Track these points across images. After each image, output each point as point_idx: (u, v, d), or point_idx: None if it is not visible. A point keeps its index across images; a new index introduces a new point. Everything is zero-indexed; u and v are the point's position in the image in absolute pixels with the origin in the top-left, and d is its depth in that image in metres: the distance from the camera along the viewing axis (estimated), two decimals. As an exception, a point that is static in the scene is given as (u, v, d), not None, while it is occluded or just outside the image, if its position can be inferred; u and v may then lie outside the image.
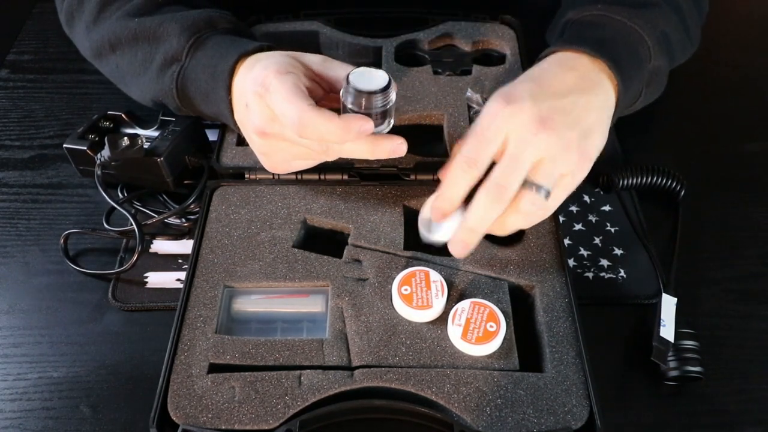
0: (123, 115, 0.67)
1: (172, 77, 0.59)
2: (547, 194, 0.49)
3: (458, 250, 0.52)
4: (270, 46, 0.58)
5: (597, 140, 0.51)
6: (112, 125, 0.67)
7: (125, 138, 0.61)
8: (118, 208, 0.62)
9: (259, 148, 0.57)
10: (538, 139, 0.47)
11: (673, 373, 0.53)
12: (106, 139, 0.62)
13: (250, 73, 0.53)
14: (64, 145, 0.65)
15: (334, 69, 0.54)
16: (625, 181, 0.66)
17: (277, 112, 0.50)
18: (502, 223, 0.50)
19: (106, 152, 0.62)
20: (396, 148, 0.51)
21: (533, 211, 0.50)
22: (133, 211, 0.63)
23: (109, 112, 0.67)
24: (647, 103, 0.62)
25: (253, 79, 0.52)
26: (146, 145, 0.62)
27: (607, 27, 0.57)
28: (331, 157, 0.54)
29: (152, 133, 0.65)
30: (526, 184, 0.49)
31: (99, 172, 0.62)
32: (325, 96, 0.56)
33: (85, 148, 0.64)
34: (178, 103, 0.60)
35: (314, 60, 0.55)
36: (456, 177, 0.49)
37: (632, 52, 0.56)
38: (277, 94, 0.50)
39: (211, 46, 0.58)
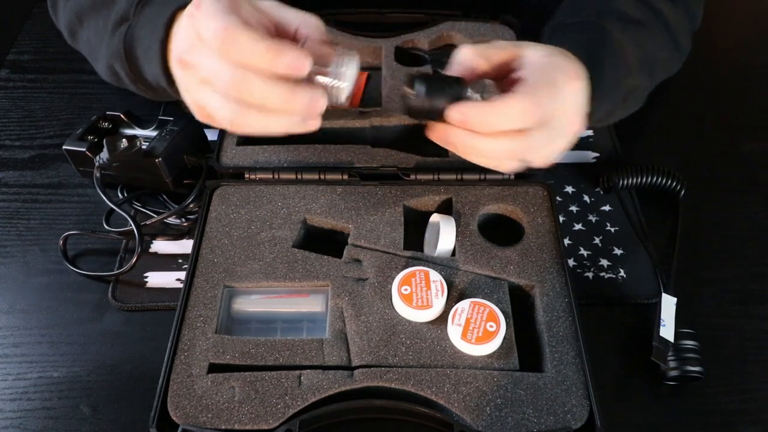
0: (122, 116, 0.67)
1: (121, 37, 0.54)
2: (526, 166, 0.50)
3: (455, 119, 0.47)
4: None
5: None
6: (110, 126, 0.67)
7: (123, 140, 0.61)
8: (117, 210, 0.61)
9: (180, 84, 0.48)
10: (570, 88, 0.48)
11: (673, 373, 0.53)
12: (104, 141, 0.62)
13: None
14: (64, 147, 0.65)
15: (284, 14, 0.47)
16: (625, 181, 0.66)
17: (202, 26, 0.43)
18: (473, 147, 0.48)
19: (104, 154, 0.62)
20: (313, 97, 0.44)
21: (505, 170, 0.51)
22: (132, 212, 0.63)
23: (107, 113, 0.67)
24: (621, 118, 0.61)
25: (188, 7, 0.46)
26: (144, 146, 0.62)
27: (594, 35, 0.56)
28: (243, 117, 0.45)
29: (150, 133, 0.65)
30: None
31: (98, 174, 0.62)
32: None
33: (84, 149, 0.64)
34: (126, 67, 0.55)
35: (265, 5, 0.47)
36: (516, 110, 0.45)
37: (613, 68, 0.54)
38: (207, 13, 0.43)
39: (157, 2, 0.53)
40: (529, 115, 0.45)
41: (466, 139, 0.47)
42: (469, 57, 0.48)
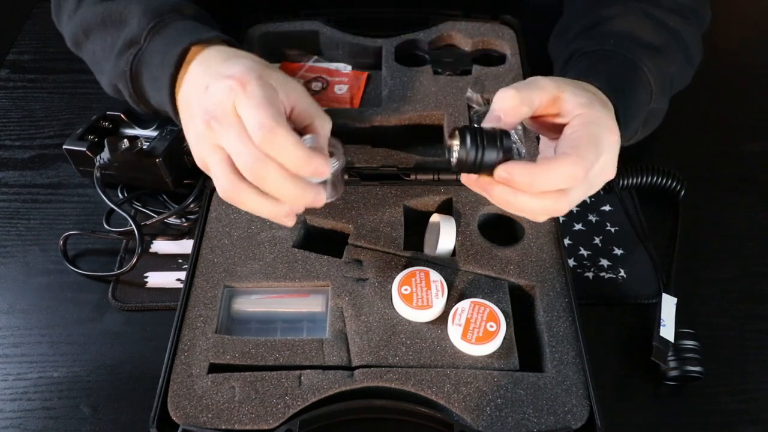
0: (122, 115, 0.67)
1: (128, 61, 0.56)
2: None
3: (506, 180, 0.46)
4: (230, 40, 0.55)
5: None
6: (111, 125, 0.67)
7: (124, 140, 0.61)
8: (117, 210, 0.61)
9: (194, 133, 0.49)
10: (610, 140, 0.47)
11: (673, 373, 0.53)
12: (105, 141, 0.62)
13: (224, 63, 0.49)
14: (64, 147, 0.65)
15: (308, 107, 0.49)
16: (625, 181, 0.66)
17: (247, 113, 0.45)
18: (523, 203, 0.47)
19: (105, 154, 0.62)
20: (319, 196, 0.47)
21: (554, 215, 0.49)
22: (132, 213, 0.63)
23: (108, 113, 0.67)
24: (639, 140, 0.61)
25: (226, 74, 0.47)
26: (145, 146, 0.62)
27: (617, 65, 0.55)
28: (232, 194, 0.47)
29: (151, 132, 0.65)
30: None
31: (98, 174, 0.62)
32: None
33: (84, 149, 0.64)
34: (130, 88, 0.57)
35: (294, 90, 0.49)
36: (565, 175, 0.44)
37: (635, 93, 0.54)
38: (252, 100, 0.45)
39: (170, 31, 0.55)
40: (577, 178, 0.44)
41: (508, 196, 0.46)
42: (514, 104, 0.46)
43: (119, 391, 0.54)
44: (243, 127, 0.45)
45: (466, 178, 0.48)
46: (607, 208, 0.67)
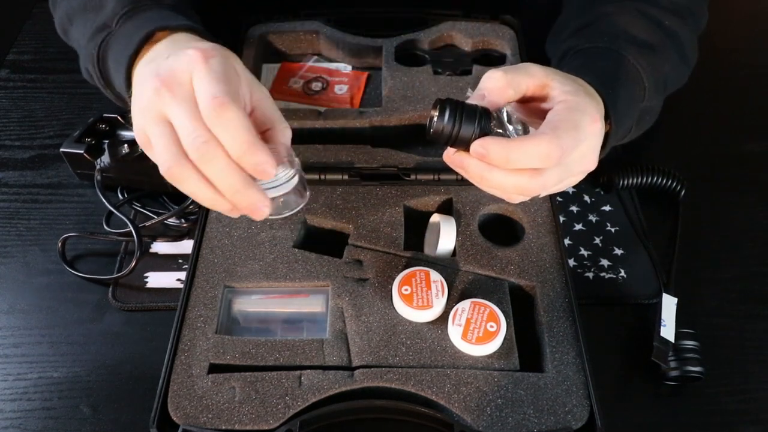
0: (119, 118, 0.66)
1: (96, 44, 0.55)
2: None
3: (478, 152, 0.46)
4: (203, 31, 0.53)
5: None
6: (108, 128, 0.67)
7: (125, 145, 0.61)
8: (115, 212, 0.61)
9: (140, 102, 0.46)
10: (590, 130, 0.47)
11: (674, 373, 0.53)
12: (105, 145, 0.62)
13: (191, 41, 0.48)
14: (61, 150, 0.65)
15: (269, 112, 0.47)
16: (625, 181, 0.66)
17: (201, 84, 0.42)
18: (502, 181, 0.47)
19: (105, 158, 0.62)
20: (259, 202, 0.44)
21: (524, 198, 0.50)
22: (132, 215, 0.63)
23: (104, 115, 0.67)
24: (633, 138, 0.61)
25: (194, 46, 0.45)
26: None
27: (610, 61, 0.55)
28: (183, 176, 0.44)
29: (149, 133, 0.65)
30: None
31: (98, 177, 0.62)
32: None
33: (82, 151, 0.64)
34: (98, 72, 0.56)
35: (256, 91, 0.47)
36: (540, 153, 0.44)
37: (627, 90, 0.54)
38: (211, 72, 0.43)
39: (142, 17, 0.53)
40: (552, 157, 0.44)
41: (482, 171, 0.46)
42: (498, 85, 0.47)
43: (119, 391, 0.54)
44: (195, 101, 0.43)
45: (445, 154, 0.48)
46: (607, 208, 0.67)
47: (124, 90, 0.52)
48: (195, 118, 0.42)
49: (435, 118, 0.45)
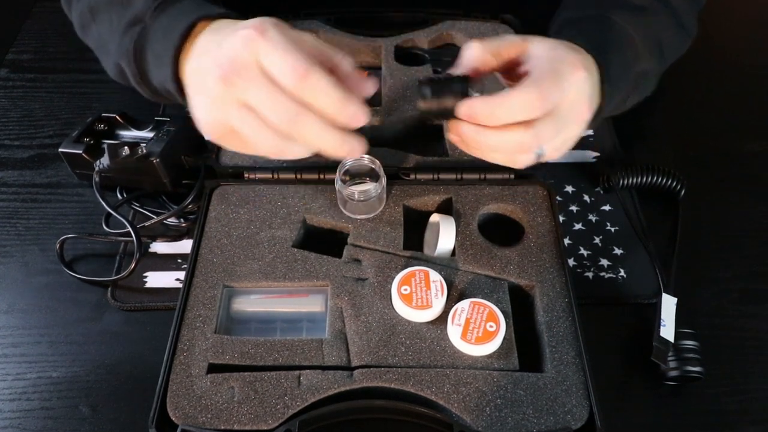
0: (117, 117, 0.66)
1: (132, 38, 0.54)
2: (541, 154, 0.50)
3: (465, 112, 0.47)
4: (236, 15, 0.53)
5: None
6: (106, 128, 0.67)
7: (125, 147, 0.61)
8: (114, 214, 0.61)
9: (209, 99, 0.47)
10: (575, 79, 0.48)
11: (673, 373, 0.53)
12: (105, 147, 0.61)
13: (225, 28, 0.48)
14: (60, 150, 0.65)
15: (325, 51, 0.48)
16: (625, 181, 0.66)
17: (274, 59, 0.43)
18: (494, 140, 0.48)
19: (105, 160, 0.62)
20: (356, 147, 0.46)
21: (519, 162, 0.50)
22: (131, 215, 0.63)
23: (103, 115, 0.67)
24: (634, 104, 0.61)
25: (241, 27, 0.45)
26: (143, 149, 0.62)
27: (599, 25, 0.56)
28: (286, 148, 0.46)
29: (147, 134, 0.65)
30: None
31: (97, 179, 0.62)
32: None
33: (80, 151, 0.64)
34: (134, 67, 0.55)
35: (307, 39, 0.48)
36: (523, 103, 0.46)
37: (618, 50, 0.55)
38: (277, 45, 0.43)
39: (177, 8, 0.53)
40: (535, 106, 0.46)
41: (477, 136, 0.48)
42: (477, 53, 0.49)
43: (118, 391, 0.54)
44: (270, 78, 0.43)
45: (449, 132, 0.50)
46: (607, 208, 0.67)
47: (169, 83, 0.51)
48: (276, 93, 0.43)
49: (419, 99, 0.48)
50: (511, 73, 0.51)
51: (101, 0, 0.58)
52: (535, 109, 0.46)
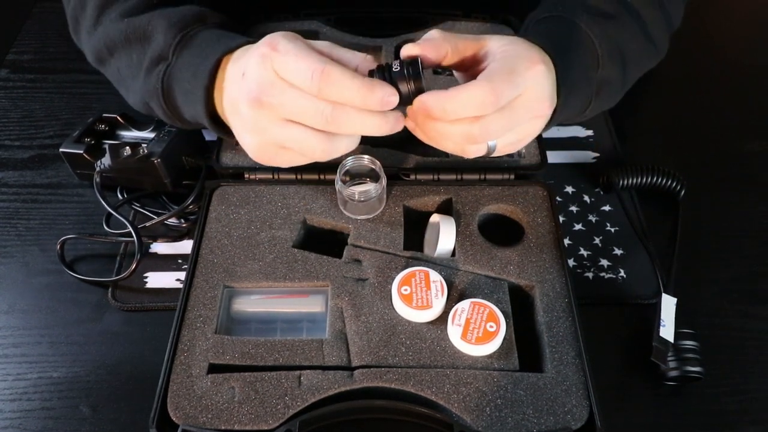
0: (118, 118, 0.66)
1: (159, 76, 0.55)
2: (492, 150, 0.52)
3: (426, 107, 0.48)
4: (254, 41, 0.53)
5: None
6: (107, 128, 0.67)
7: (126, 147, 0.61)
8: (115, 215, 0.61)
9: (249, 125, 0.50)
10: (532, 73, 0.49)
11: (673, 374, 0.53)
12: (107, 147, 0.62)
13: (244, 55, 0.50)
14: (61, 150, 0.65)
15: (342, 54, 0.50)
16: (625, 181, 0.66)
17: (290, 67, 0.46)
18: (446, 131, 0.49)
19: (106, 160, 0.62)
20: (399, 119, 0.49)
21: (470, 154, 0.52)
22: (131, 215, 0.63)
23: (104, 115, 0.67)
24: (597, 113, 0.61)
25: (255, 48, 0.48)
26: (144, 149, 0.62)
27: (562, 27, 0.56)
28: (329, 142, 0.49)
29: (148, 134, 0.65)
30: None
31: (98, 179, 0.62)
32: None
33: (81, 152, 0.64)
34: (163, 105, 0.56)
35: (321, 45, 0.50)
36: (474, 99, 0.46)
37: (580, 57, 0.55)
38: (289, 54, 0.46)
39: (198, 43, 0.55)
40: (485, 102, 0.46)
41: (429, 125, 0.49)
42: (436, 41, 0.50)
43: (119, 391, 0.54)
44: (296, 87, 0.46)
45: (409, 122, 0.51)
46: (607, 208, 0.67)
47: (202, 119, 0.54)
48: (308, 98, 0.46)
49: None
50: (472, 71, 0.51)
51: (117, 38, 0.58)
52: (486, 105, 0.46)
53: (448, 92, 0.47)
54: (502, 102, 0.47)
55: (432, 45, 0.49)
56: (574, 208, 0.67)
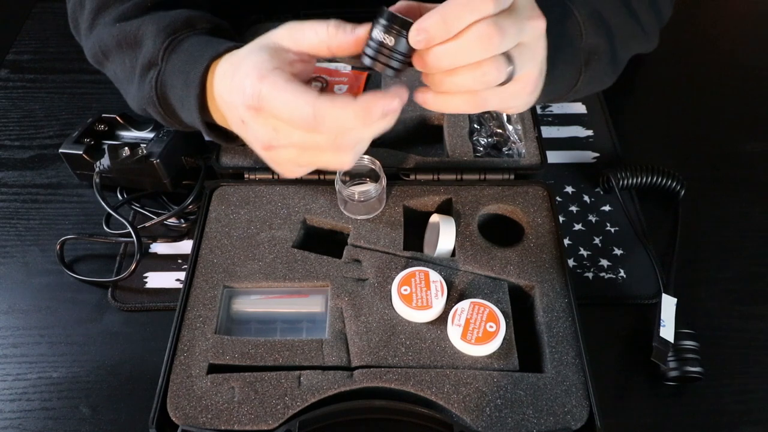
0: (118, 118, 0.66)
1: (151, 84, 0.54)
2: (511, 75, 0.46)
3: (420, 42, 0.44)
4: (241, 45, 0.52)
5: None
6: (107, 128, 0.67)
7: (125, 148, 0.61)
8: (114, 215, 0.61)
9: (268, 160, 0.50)
10: (534, 24, 0.45)
11: (673, 374, 0.53)
12: (106, 148, 0.61)
13: (231, 81, 0.48)
14: (60, 150, 0.65)
15: (305, 35, 0.49)
16: (625, 181, 0.66)
17: (285, 117, 0.45)
18: (450, 77, 0.45)
19: (105, 161, 0.62)
20: (402, 94, 0.46)
21: (490, 82, 0.45)
22: (131, 215, 0.63)
23: (103, 115, 0.67)
24: (596, 90, 0.59)
25: (240, 92, 0.47)
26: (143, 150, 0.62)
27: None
28: (344, 156, 0.48)
29: (147, 134, 0.65)
30: (504, 53, 0.44)
31: (97, 180, 0.62)
32: (311, 60, 0.51)
33: (81, 152, 0.64)
34: (161, 111, 0.56)
35: (283, 37, 0.49)
36: (469, 7, 0.42)
37: (562, 26, 0.53)
38: (275, 101, 0.45)
39: (186, 48, 0.54)
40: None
41: (440, 59, 0.44)
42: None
43: (119, 391, 0.54)
44: (296, 128, 0.45)
45: (416, 93, 0.48)
46: (607, 208, 0.67)
47: (198, 125, 0.53)
48: (315, 134, 0.45)
49: (371, 61, 0.45)
50: None
51: (110, 43, 0.58)
52: (486, 4, 0.41)
53: (443, 5, 0.42)
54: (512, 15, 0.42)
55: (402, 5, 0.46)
56: (574, 208, 0.67)
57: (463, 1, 0.42)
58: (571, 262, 0.62)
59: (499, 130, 0.46)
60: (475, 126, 0.66)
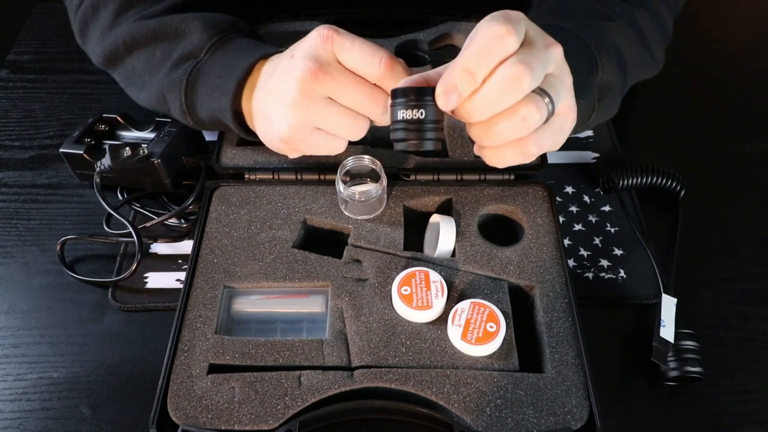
0: (118, 118, 0.66)
1: (186, 71, 0.57)
2: (552, 109, 0.45)
3: (445, 95, 0.45)
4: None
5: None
6: (107, 128, 0.67)
7: (126, 148, 0.61)
8: (115, 215, 0.61)
9: (293, 100, 0.49)
10: (554, 52, 0.45)
11: (673, 374, 0.53)
12: (107, 148, 0.61)
13: (285, 64, 0.50)
14: (61, 150, 0.65)
15: (365, 51, 0.50)
16: (625, 181, 0.66)
17: (355, 51, 0.47)
18: (492, 128, 0.45)
19: (106, 161, 0.62)
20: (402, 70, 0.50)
21: (533, 123, 0.44)
22: (131, 215, 0.63)
23: (104, 115, 0.67)
24: (600, 121, 0.60)
25: (298, 66, 0.48)
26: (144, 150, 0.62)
27: (554, 35, 0.49)
28: (365, 123, 0.51)
29: (148, 134, 0.65)
30: (537, 90, 0.44)
31: (98, 180, 0.62)
32: None
33: (81, 152, 0.64)
34: (182, 97, 0.57)
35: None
36: (488, 50, 0.42)
37: (578, 65, 0.51)
38: (354, 39, 0.47)
39: (234, 47, 0.57)
40: (502, 33, 0.41)
41: (471, 113, 0.44)
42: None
43: (119, 391, 0.54)
44: (355, 71, 0.48)
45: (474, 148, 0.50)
46: (607, 208, 0.67)
47: (224, 113, 0.55)
48: (359, 84, 0.48)
49: (404, 143, 0.47)
50: None
51: (144, 34, 0.59)
52: (503, 36, 0.41)
53: (462, 54, 0.43)
54: (516, 28, 0.42)
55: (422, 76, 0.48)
56: (574, 209, 0.67)
57: (481, 46, 0.42)
58: (571, 263, 0.62)
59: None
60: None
